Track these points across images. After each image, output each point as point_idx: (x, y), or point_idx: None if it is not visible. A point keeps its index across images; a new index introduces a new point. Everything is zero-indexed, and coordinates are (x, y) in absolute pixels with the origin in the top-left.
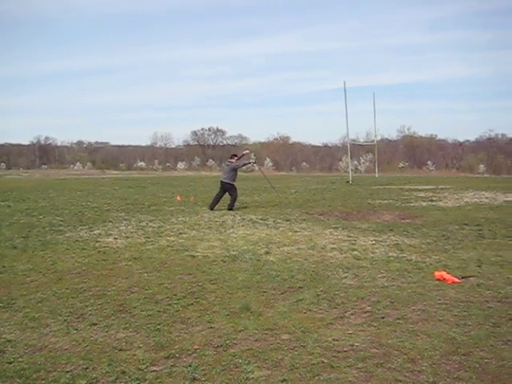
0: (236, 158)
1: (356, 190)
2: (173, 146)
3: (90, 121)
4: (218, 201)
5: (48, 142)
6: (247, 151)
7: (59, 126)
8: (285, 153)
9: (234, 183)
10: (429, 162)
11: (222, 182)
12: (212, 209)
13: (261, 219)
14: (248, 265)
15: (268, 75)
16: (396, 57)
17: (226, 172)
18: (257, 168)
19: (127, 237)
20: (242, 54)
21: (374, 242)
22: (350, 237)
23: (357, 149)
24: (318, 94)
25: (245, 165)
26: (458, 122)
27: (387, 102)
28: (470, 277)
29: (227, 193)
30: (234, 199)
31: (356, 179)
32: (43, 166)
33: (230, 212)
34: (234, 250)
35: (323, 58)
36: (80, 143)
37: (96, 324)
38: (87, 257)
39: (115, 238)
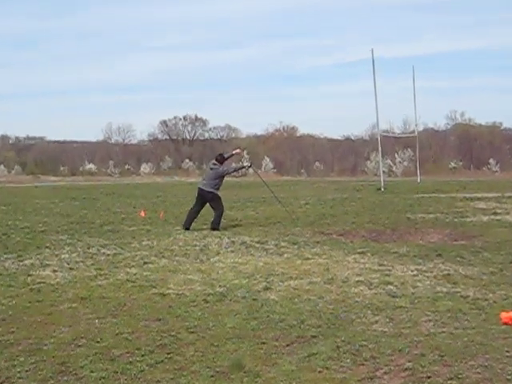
0: (224, 159)
1: (390, 199)
2: (134, 142)
3: (16, 107)
4: (195, 217)
5: None
6: (238, 150)
7: None
8: (290, 149)
9: (218, 193)
10: (491, 161)
11: (201, 190)
12: (187, 228)
13: (258, 242)
14: (240, 306)
15: (264, 43)
16: (443, 16)
17: (209, 178)
18: (251, 172)
19: (71, 268)
20: (225, 13)
21: (415, 272)
22: (383, 265)
23: (391, 143)
24: (334, 68)
25: (237, 170)
26: None
27: (431, 78)
28: None
29: (209, 205)
30: (219, 215)
31: (390, 185)
32: None
33: (215, 233)
34: (220, 286)
35: (341, 17)
36: (4, 138)
37: None
38: (15, 297)
39: (54, 271)
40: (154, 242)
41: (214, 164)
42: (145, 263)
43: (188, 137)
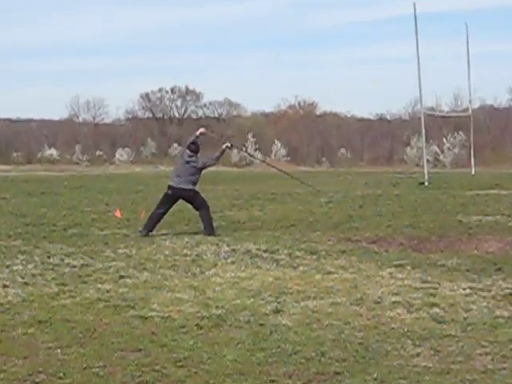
0: (199, 147)
1: (437, 197)
2: (108, 121)
3: None
4: (160, 219)
5: None
6: (202, 130)
7: None
8: (308, 132)
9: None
10: None
11: (176, 188)
12: (148, 233)
13: (266, 251)
14: (243, 333)
15: None
16: None
17: (186, 173)
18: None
19: (26, 283)
20: None
21: (468, 290)
22: (426, 282)
23: (437, 124)
24: (364, 26)
25: (220, 158)
26: None
27: (491, 40)
28: None
29: (191, 206)
30: (207, 214)
31: (436, 178)
32: None
33: (210, 239)
34: (217, 307)
35: None
36: None
37: None
38: None
39: (4, 286)
40: (133, 250)
41: (190, 156)
42: (121, 277)
43: (177, 115)
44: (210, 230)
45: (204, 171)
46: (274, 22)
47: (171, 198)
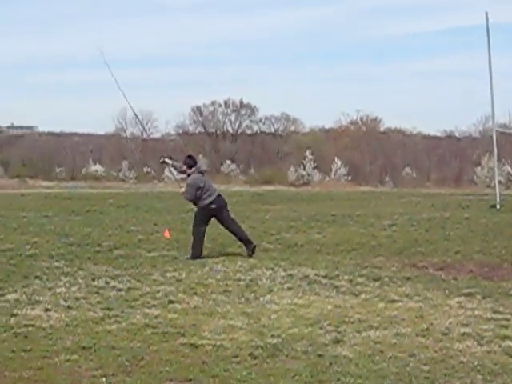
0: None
1: (509, 221)
2: (157, 136)
3: None
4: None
5: None
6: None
7: None
8: (371, 149)
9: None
10: None
11: (223, 201)
12: (198, 257)
13: (325, 277)
14: (301, 364)
15: (327, 3)
16: None
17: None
18: (311, 178)
19: (69, 307)
20: None
21: None
22: (498, 313)
23: (510, 142)
24: (432, 37)
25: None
26: None
27: None
28: None
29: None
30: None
31: (509, 201)
32: None
33: (266, 263)
34: (273, 336)
35: None
36: None
37: None
38: None
39: (47, 310)
40: (183, 273)
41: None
42: (170, 302)
43: (230, 130)
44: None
45: (250, 190)
46: (334, 32)
47: (212, 214)
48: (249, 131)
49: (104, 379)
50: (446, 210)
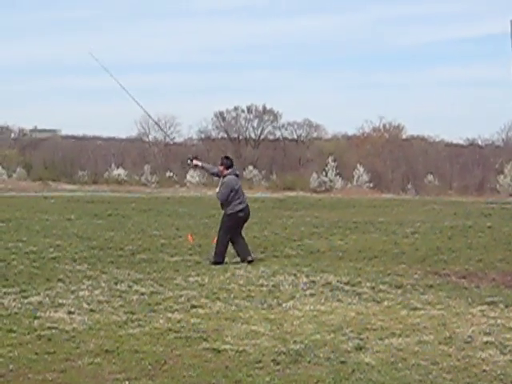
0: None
1: None
2: (179, 141)
3: (21, 89)
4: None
5: None
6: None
7: None
8: (393, 157)
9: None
10: None
11: (247, 209)
12: (221, 262)
13: (347, 284)
14: (323, 371)
15: (359, 7)
16: None
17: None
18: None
19: (92, 310)
20: None
21: None
22: None
23: None
24: (456, 45)
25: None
26: None
27: None
28: None
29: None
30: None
31: None
32: None
33: (289, 269)
34: (295, 342)
35: None
36: (3, 131)
37: None
38: (17, 346)
39: (70, 313)
40: (205, 278)
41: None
42: (193, 307)
43: (253, 135)
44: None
45: (272, 196)
46: (359, 40)
47: (241, 222)
48: (271, 137)
49: (127, 383)
50: (469, 219)
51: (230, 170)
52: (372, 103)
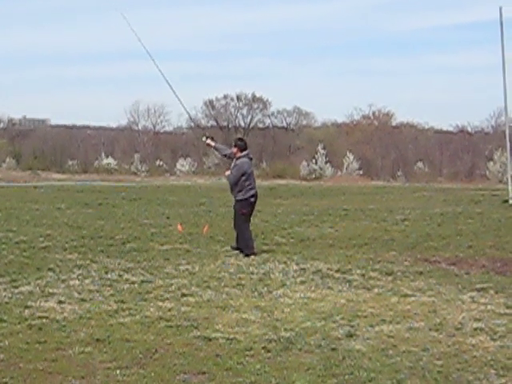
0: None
1: None
2: (169, 129)
3: (10, 78)
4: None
5: None
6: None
7: None
8: (383, 144)
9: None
10: None
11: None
12: (252, 253)
13: (338, 271)
14: (314, 358)
15: None
16: None
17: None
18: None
19: (83, 300)
20: None
21: None
22: (511, 307)
23: None
24: (445, 32)
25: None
26: None
27: None
28: None
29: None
30: (242, 233)
31: None
32: None
33: (279, 257)
34: (286, 330)
35: None
36: None
37: None
38: (8, 336)
39: (60, 302)
40: (196, 266)
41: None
42: (183, 295)
43: (242, 124)
44: (241, 249)
45: (262, 184)
46: (348, 27)
47: (252, 208)
48: (261, 125)
49: (118, 371)
50: (459, 205)
51: (244, 152)
52: (362, 90)
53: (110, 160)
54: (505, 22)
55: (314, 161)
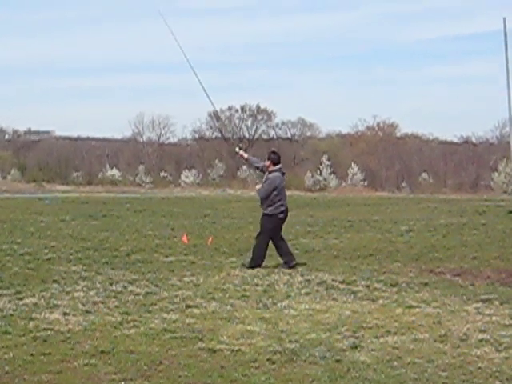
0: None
1: None
2: (173, 141)
3: (15, 90)
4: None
5: None
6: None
7: None
8: (387, 155)
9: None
10: None
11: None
12: (256, 266)
13: (342, 282)
14: (319, 369)
15: (352, 6)
16: None
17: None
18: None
19: (87, 311)
20: None
21: None
22: None
23: None
24: (449, 42)
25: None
26: None
27: None
28: None
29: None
30: (257, 247)
31: None
32: None
33: (284, 268)
34: (291, 341)
35: None
36: None
37: None
38: (13, 348)
39: (65, 314)
40: (201, 278)
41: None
42: (188, 307)
43: (247, 135)
44: (248, 263)
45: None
46: (352, 38)
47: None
48: (265, 136)
49: (123, 383)
50: (463, 216)
51: (276, 166)
52: (366, 102)
53: (115, 171)
54: (509, 33)
55: (318, 172)
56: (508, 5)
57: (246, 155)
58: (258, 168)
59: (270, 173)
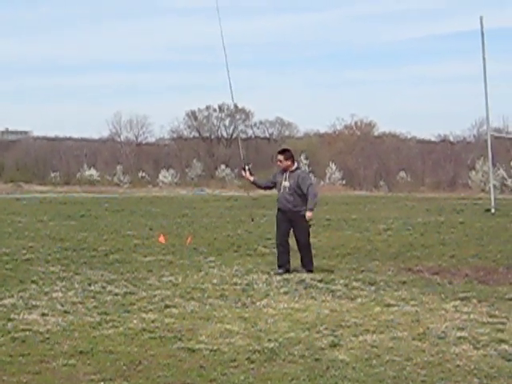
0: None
1: (504, 225)
2: (151, 141)
3: None
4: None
5: None
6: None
7: None
8: (365, 154)
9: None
10: None
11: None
12: (285, 270)
13: (321, 281)
14: (298, 368)
15: (330, 6)
16: None
17: (290, 188)
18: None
19: (66, 312)
20: None
21: None
22: (494, 316)
23: (505, 147)
24: (426, 42)
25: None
26: None
27: None
28: None
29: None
30: (309, 249)
31: (504, 205)
32: None
33: (262, 268)
34: (270, 340)
35: None
36: None
37: None
38: None
39: (43, 315)
40: (179, 277)
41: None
42: (166, 307)
43: (225, 134)
44: (310, 266)
45: (245, 194)
46: (330, 38)
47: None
48: (243, 136)
49: (102, 383)
50: (441, 215)
51: (295, 163)
52: (344, 101)
53: (93, 171)
54: (486, 32)
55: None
56: (486, 4)
57: (252, 178)
58: (267, 187)
59: (292, 172)
